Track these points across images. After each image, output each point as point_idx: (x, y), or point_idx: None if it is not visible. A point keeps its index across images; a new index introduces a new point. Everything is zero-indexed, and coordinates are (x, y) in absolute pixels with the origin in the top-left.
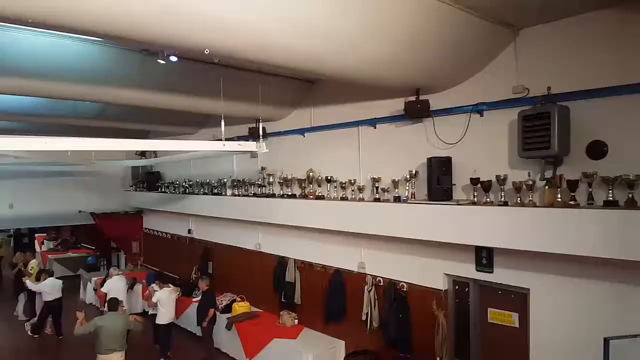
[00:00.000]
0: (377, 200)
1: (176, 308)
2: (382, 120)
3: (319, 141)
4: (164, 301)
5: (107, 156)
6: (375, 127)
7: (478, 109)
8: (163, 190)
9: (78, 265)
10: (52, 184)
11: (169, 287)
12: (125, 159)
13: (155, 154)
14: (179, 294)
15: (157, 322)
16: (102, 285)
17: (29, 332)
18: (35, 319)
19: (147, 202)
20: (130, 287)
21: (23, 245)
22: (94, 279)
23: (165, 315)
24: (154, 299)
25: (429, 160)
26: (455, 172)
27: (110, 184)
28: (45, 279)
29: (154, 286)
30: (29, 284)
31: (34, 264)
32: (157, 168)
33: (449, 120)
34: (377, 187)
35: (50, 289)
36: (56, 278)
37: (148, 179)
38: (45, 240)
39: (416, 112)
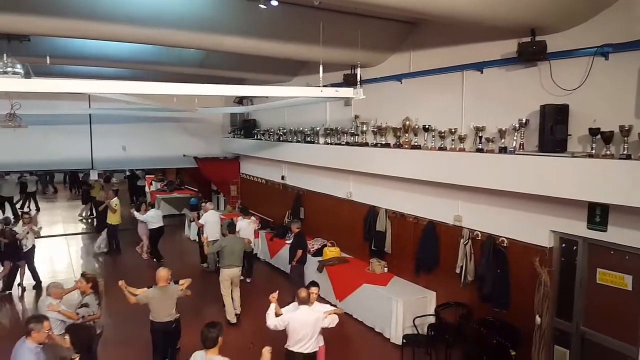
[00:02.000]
0: (479, 150)
1: (269, 248)
2: (490, 63)
3: (417, 88)
4: (244, 229)
5: (208, 103)
6: (481, 72)
7: (603, 51)
8: (258, 137)
9: (182, 205)
10: (160, 129)
11: (249, 219)
12: (224, 106)
13: (251, 101)
14: (258, 226)
15: None
16: (199, 218)
17: (154, 260)
18: (143, 245)
19: (244, 148)
20: None
21: (137, 187)
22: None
23: None
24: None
25: (543, 107)
26: (571, 122)
27: (211, 131)
28: (148, 209)
29: (237, 218)
30: (137, 214)
31: (116, 201)
32: (253, 116)
33: (567, 64)
34: (480, 137)
35: (154, 218)
36: (163, 216)
37: (245, 126)
38: (153, 181)
39: (530, 54)
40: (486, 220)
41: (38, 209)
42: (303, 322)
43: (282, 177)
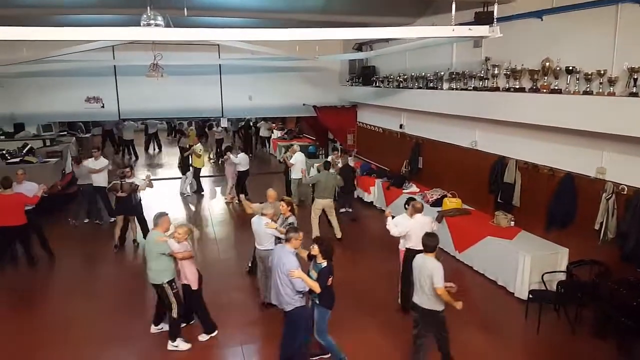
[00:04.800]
0: (633, 95)
1: (385, 197)
2: None
3: (560, 25)
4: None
5: (328, 51)
6: None
7: None
8: (377, 84)
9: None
10: (282, 79)
11: (351, 156)
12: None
13: (371, 47)
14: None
15: None
16: (289, 158)
17: (235, 201)
18: (229, 188)
19: (362, 96)
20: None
21: (250, 135)
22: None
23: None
24: (339, 165)
25: None
26: None
27: (329, 79)
28: (238, 154)
29: (333, 157)
30: (232, 157)
31: (200, 147)
32: (373, 62)
33: None
34: (635, 79)
35: (243, 161)
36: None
37: (364, 73)
38: (274, 130)
39: None
40: (636, 173)
41: (160, 149)
42: (422, 226)
43: (401, 126)
